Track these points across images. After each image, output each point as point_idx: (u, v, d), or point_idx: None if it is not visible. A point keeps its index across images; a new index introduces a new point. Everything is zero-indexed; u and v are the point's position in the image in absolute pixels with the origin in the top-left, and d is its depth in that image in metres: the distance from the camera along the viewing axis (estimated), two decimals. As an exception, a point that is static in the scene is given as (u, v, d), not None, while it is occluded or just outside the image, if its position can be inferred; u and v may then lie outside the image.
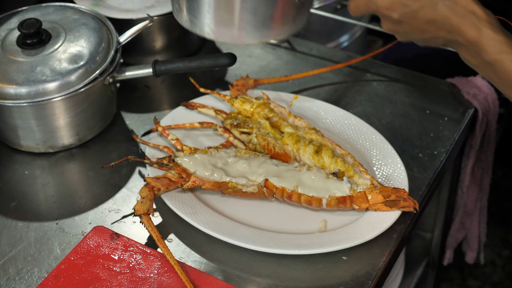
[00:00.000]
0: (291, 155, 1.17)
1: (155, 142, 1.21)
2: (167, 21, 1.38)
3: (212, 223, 1.08)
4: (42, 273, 1.06)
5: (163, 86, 1.41)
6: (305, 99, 1.30)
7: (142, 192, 1.09)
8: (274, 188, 1.11)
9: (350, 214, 1.11)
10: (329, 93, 1.36)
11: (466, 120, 1.30)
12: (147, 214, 1.08)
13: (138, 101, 1.37)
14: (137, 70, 1.26)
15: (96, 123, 1.27)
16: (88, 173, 1.23)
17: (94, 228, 1.10)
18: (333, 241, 1.05)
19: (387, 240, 1.08)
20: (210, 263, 1.07)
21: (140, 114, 1.33)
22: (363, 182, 1.11)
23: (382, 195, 1.09)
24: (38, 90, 1.18)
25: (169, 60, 1.26)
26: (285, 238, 1.06)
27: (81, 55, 1.21)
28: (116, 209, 1.16)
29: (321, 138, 1.18)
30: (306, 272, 1.05)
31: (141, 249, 1.07)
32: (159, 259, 1.06)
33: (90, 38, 1.24)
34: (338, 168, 1.12)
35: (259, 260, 1.06)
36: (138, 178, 1.20)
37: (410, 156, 1.22)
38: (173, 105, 1.36)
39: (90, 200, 1.17)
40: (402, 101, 1.34)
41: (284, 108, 1.24)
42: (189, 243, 1.09)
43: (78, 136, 1.25)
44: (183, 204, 1.11)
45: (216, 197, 1.14)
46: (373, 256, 1.06)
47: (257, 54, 1.46)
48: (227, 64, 1.24)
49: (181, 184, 1.12)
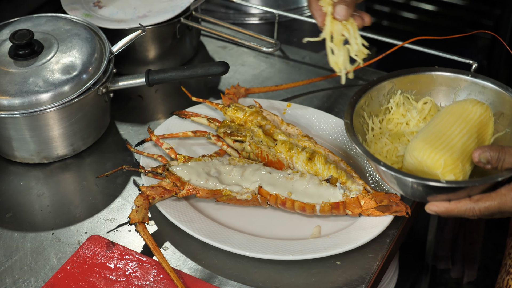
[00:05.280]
0: (285, 162, 1.20)
1: (149, 151, 1.25)
2: (159, 31, 1.42)
3: (207, 231, 1.12)
4: (39, 283, 1.10)
5: (156, 95, 1.44)
6: (298, 107, 1.34)
7: (137, 201, 1.13)
8: (268, 195, 1.15)
9: (343, 219, 1.15)
10: (322, 100, 1.40)
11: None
12: (143, 222, 1.11)
13: (132, 111, 1.40)
14: (130, 80, 1.30)
15: (90, 133, 1.30)
16: (83, 183, 1.26)
17: (90, 237, 1.13)
18: (326, 246, 1.09)
19: (380, 244, 1.12)
20: (205, 270, 1.10)
21: (134, 124, 1.36)
22: (356, 187, 1.14)
23: (375, 200, 1.13)
24: (31, 101, 1.21)
25: (162, 70, 1.29)
26: (279, 244, 1.10)
27: (74, 66, 1.25)
28: (112, 218, 1.19)
29: (314, 145, 1.21)
30: (301, 277, 1.08)
31: (137, 257, 1.10)
32: (155, 267, 1.09)
33: (82, 48, 1.28)
34: (331, 174, 1.16)
35: (254, 266, 1.10)
36: (133, 187, 1.24)
37: (402, 162, 1.26)
38: (166, 114, 1.40)
39: (85, 210, 1.21)
40: (394, 107, 1.38)
41: (277, 116, 1.28)
42: (184, 250, 1.13)
43: (73, 147, 1.29)
44: (178, 212, 1.15)
45: (211, 205, 1.18)
46: (366, 261, 1.10)
47: (250, 62, 1.50)
48: (220, 73, 1.28)
49: (176, 192, 1.15)
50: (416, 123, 1.15)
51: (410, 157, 1.06)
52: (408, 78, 1.15)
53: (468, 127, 1.08)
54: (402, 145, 1.12)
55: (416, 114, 1.14)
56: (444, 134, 1.06)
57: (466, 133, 1.07)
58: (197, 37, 1.53)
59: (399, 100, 1.15)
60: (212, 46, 1.55)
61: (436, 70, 1.16)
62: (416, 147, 1.05)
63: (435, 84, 1.17)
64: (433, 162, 1.03)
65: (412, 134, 1.14)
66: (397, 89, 1.16)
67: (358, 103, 1.11)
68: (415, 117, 1.14)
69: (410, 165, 1.06)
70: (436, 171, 1.04)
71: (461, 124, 1.08)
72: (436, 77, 1.16)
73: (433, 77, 1.16)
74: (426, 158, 1.04)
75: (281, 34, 1.60)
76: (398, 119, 1.15)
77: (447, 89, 1.17)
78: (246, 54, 1.52)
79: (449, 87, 1.17)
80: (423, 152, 1.04)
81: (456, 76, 1.17)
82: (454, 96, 1.17)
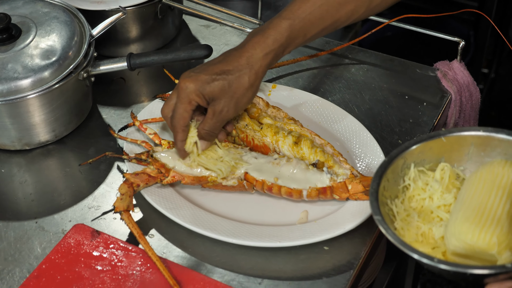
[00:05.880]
0: (271, 146, 1.20)
1: (132, 137, 1.23)
2: (140, 11, 1.40)
3: (193, 218, 1.11)
4: (24, 273, 1.09)
5: (139, 78, 1.43)
6: (283, 89, 1.33)
7: (121, 189, 1.12)
8: (254, 181, 1.14)
9: (330, 204, 1.15)
10: (308, 80, 1.39)
11: (444, 105, 1.34)
12: (127, 210, 1.10)
13: (114, 94, 1.39)
14: (112, 64, 1.28)
15: (72, 118, 1.29)
16: (66, 170, 1.25)
17: (75, 226, 1.13)
18: (314, 232, 1.09)
19: (367, 229, 1.12)
20: (192, 258, 1.10)
21: (117, 107, 1.35)
22: (343, 172, 1.14)
23: (362, 185, 1.13)
24: (10, 88, 1.19)
25: (144, 53, 1.28)
26: (267, 231, 1.10)
27: (54, 50, 1.23)
28: (96, 206, 1.18)
29: (300, 129, 1.21)
30: (288, 264, 1.09)
31: (123, 246, 1.10)
32: (141, 255, 1.09)
33: (62, 32, 1.26)
34: (318, 158, 1.16)
35: (241, 253, 1.10)
36: (117, 173, 1.23)
37: (389, 143, 1.26)
38: (150, 97, 1.38)
39: (69, 197, 1.20)
40: (381, 87, 1.38)
41: (262, 99, 1.27)
42: (170, 238, 1.12)
43: (54, 133, 1.27)
44: (163, 199, 1.14)
45: (196, 191, 1.17)
46: (354, 246, 1.10)
47: (234, 41, 1.48)
48: (203, 56, 1.26)
49: (161, 179, 1.15)
50: (440, 195, 1.08)
51: (457, 241, 0.99)
52: (417, 148, 1.07)
53: (506, 193, 1.01)
54: (435, 224, 1.05)
55: (438, 186, 1.07)
56: (485, 207, 0.99)
57: (507, 200, 1.00)
58: (180, 17, 1.51)
59: (414, 175, 1.08)
60: (195, 25, 1.53)
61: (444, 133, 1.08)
62: (463, 230, 0.98)
63: (445, 148, 1.09)
64: (486, 243, 0.96)
65: (439, 208, 1.07)
66: (409, 163, 1.08)
67: (379, 191, 1.03)
68: (437, 190, 1.07)
69: (459, 249, 0.99)
70: (491, 252, 0.97)
71: (498, 192, 1.01)
72: (446, 140, 1.08)
73: (443, 141, 1.08)
74: (477, 240, 0.97)
75: (265, 11, 1.58)
76: (420, 195, 1.08)
77: (460, 149, 1.10)
78: (230, 33, 1.50)
79: (461, 146, 1.10)
80: (472, 234, 0.97)
81: (468, 134, 1.09)
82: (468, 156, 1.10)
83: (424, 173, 1.09)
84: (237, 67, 1.11)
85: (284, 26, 1.13)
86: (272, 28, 1.13)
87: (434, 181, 1.08)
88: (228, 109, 1.12)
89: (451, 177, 1.09)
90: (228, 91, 1.10)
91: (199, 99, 1.11)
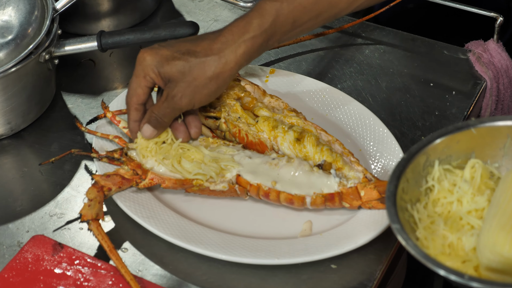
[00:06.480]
0: (268, 144, 1.19)
1: (103, 131, 1.23)
2: (113, -20, 1.41)
3: (174, 229, 1.11)
4: (-29, 295, 1.08)
5: (111, 60, 1.43)
6: (283, 73, 1.32)
7: (89, 194, 1.11)
8: (248, 185, 1.14)
9: (339, 213, 1.14)
10: (312, 64, 1.39)
11: (478, 94, 1.33)
12: (96, 219, 1.10)
13: (82, 79, 1.39)
14: (79, 44, 1.29)
15: (31, 108, 1.29)
16: (24, 170, 1.25)
17: (33, 237, 1.12)
18: (319, 247, 1.08)
19: (384, 244, 1.11)
20: (173, 277, 1.09)
21: (85, 95, 1.35)
22: (354, 175, 1.13)
23: (377, 191, 1.11)
24: (-44, 71, 1.20)
25: (117, 31, 1.28)
26: (262, 245, 1.09)
27: (10, 27, 1.23)
28: (59, 214, 1.18)
29: (303, 122, 1.20)
30: (288, 285, 1.08)
31: (90, 262, 1.09)
32: (112, 273, 1.08)
33: (19, 5, 1.26)
34: (324, 158, 1.15)
35: (231, 271, 1.09)
36: (85, 175, 1.23)
37: (410, 140, 1.25)
38: (124, 83, 1.38)
39: (27, 203, 1.20)
40: (400, 72, 1.37)
41: (258, 86, 1.26)
42: (147, 252, 1.12)
43: (10, 125, 1.27)
44: (140, 206, 1.13)
45: (179, 197, 1.17)
46: (367, 264, 1.09)
47: (225, 17, 1.48)
48: (187, 34, 1.26)
49: (136, 182, 1.14)
50: (471, 198, 1.06)
51: (491, 254, 0.98)
52: (442, 142, 1.06)
53: None
54: (465, 233, 1.04)
55: (468, 187, 1.06)
56: None
57: None
58: (161, -14, 1.51)
59: (439, 174, 1.07)
60: (179, -4, 1.54)
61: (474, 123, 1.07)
62: (498, 240, 0.97)
63: (476, 141, 1.08)
64: None
65: (470, 214, 1.06)
66: (433, 160, 1.07)
67: (397, 195, 1.02)
68: (467, 191, 1.06)
69: (494, 263, 0.98)
70: None
71: None
72: (476, 132, 1.07)
73: (473, 133, 1.07)
74: None
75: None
76: (446, 198, 1.07)
77: (494, 142, 1.09)
78: (220, 7, 1.50)
79: (495, 139, 1.08)
80: (510, 245, 0.96)
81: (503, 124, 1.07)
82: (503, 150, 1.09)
83: (451, 172, 1.09)
84: (205, 50, 1.11)
85: (269, 9, 1.12)
86: (256, 11, 1.13)
87: (463, 182, 1.07)
88: (182, 95, 1.12)
89: (484, 176, 1.08)
90: (187, 75, 1.11)
91: (155, 76, 1.13)
